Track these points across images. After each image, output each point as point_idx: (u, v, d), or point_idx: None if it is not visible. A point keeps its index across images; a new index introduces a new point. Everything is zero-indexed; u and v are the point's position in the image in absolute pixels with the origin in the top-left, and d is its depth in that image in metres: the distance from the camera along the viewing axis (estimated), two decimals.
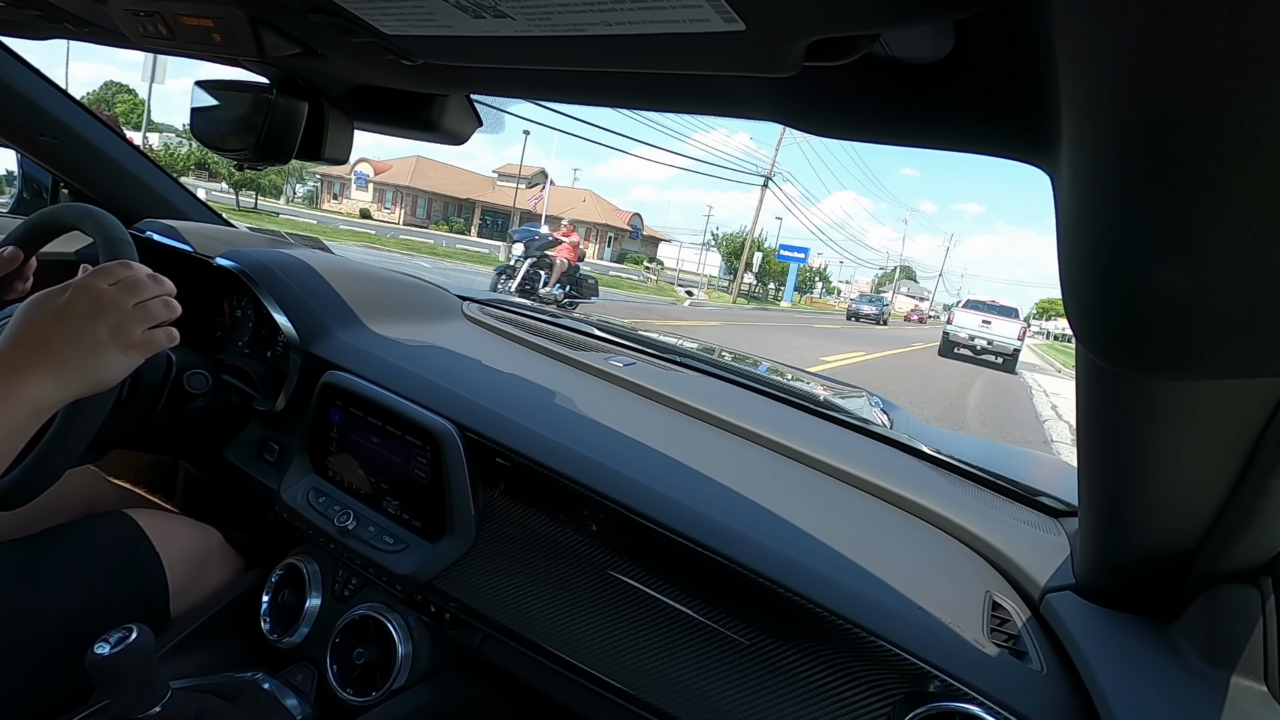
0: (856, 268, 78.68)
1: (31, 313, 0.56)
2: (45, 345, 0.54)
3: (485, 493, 0.76)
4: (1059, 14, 0.22)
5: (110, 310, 0.57)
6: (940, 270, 74.36)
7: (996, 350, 13.42)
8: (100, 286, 0.58)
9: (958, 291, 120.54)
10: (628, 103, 0.57)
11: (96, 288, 0.58)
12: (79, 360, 0.55)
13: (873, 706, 0.55)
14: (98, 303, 0.57)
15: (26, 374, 0.52)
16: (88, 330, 0.56)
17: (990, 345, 13.46)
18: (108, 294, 0.58)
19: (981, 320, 13.73)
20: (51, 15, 0.64)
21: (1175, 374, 0.32)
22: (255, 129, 0.69)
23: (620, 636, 0.64)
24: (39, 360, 0.54)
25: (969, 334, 13.68)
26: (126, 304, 0.58)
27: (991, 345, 13.46)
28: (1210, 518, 0.44)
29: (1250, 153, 0.18)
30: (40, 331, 0.55)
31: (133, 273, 0.60)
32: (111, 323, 0.57)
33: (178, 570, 0.79)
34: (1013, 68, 0.32)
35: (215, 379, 0.87)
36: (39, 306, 0.56)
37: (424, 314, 1.12)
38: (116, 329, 0.57)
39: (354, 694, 0.75)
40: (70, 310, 0.56)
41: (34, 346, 0.54)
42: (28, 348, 0.54)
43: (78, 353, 0.55)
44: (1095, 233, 0.25)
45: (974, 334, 13.64)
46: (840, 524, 0.70)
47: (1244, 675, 0.47)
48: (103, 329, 0.57)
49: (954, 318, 14.45)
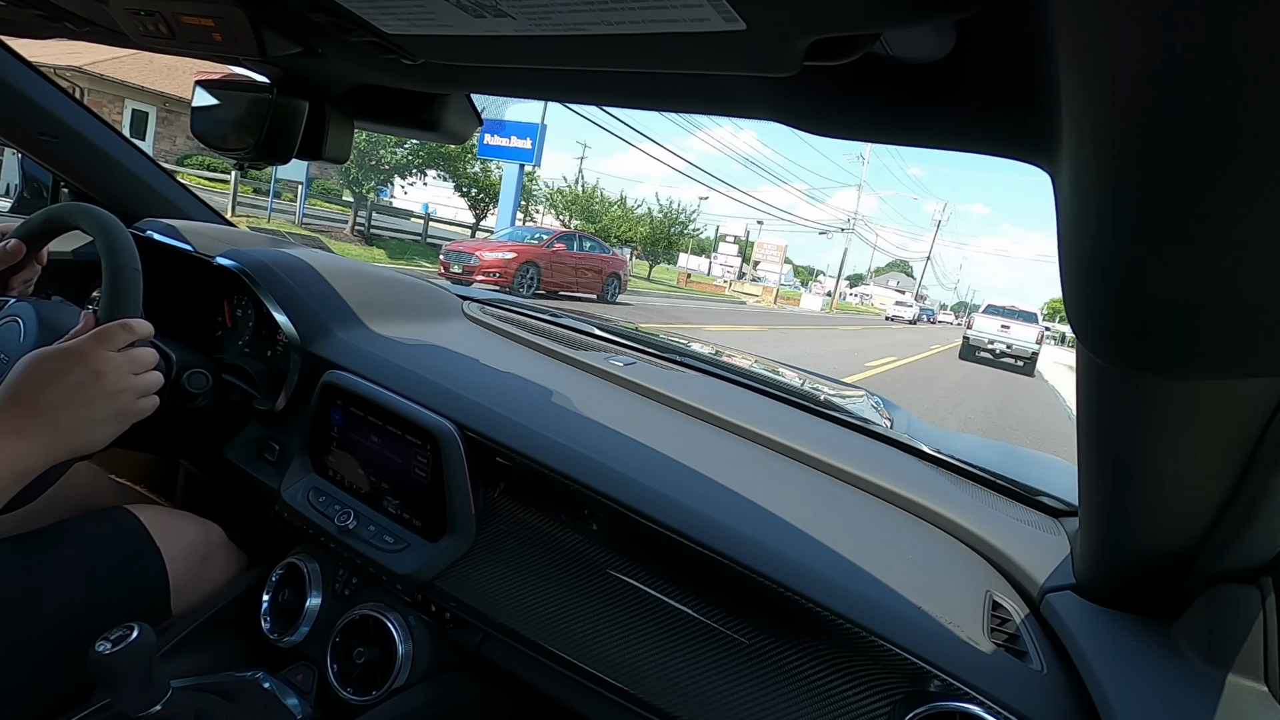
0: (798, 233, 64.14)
1: (28, 375, 0.56)
2: (39, 409, 0.55)
3: (485, 492, 0.76)
4: (1059, 14, 0.22)
5: (110, 380, 0.58)
6: (929, 251, 59.72)
7: (1016, 354, 13.79)
8: (101, 354, 0.58)
9: (955, 285, 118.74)
10: (628, 102, 0.57)
11: (98, 355, 0.58)
12: (72, 428, 0.56)
13: (873, 706, 0.55)
14: (99, 371, 0.57)
15: (18, 439, 0.53)
16: (84, 399, 0.56)
17: (1010, 349, 13.84)
18: (110, 364, 0.58)
19: (1001, 325, 14.12)
20: (53, 15, 0.64)
21: (1176, 374, 0.32)
22: (255, 128, 0.69)
23: (621, 636, 0.64)
24: (30, 425, 0.54)
25: (989, 338, 14.05)
26: (126, 374, 0.59)
27: (1011, 349, 13.83)
28: (1211, 517, 0.44)
29: (1251, 152, 0.18)
30: (36, 394, 0.55)
31: (134, 335, 0.61)
32: (109, 393, 0.58)
33: (179, 565, 0.79)
34: (1013, 67, 0.32)
35: (216, 378, 0.87)
36: (37, 370, 0.56)
37: (424, 313, 1.12)
38: (113, 399, 0.58)
39: (354, 693, 0.76)
40: (68, 377, 0.56)
41: (28, 410, 0.54)
42: (21, 411, 0.54)
43: (70, 420, 0.56)
44: (1096, 232, 0.25)
45: (994, 338, 14.00)
46: (840, 524, 0.70)
47: (1244, 675, 0.47)
48: (100, 399, 0.57)
49: (974, 323, 14.85)
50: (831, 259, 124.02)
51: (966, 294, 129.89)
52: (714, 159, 77.35)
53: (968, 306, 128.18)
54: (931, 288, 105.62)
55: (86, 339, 0.59)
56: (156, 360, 0.63)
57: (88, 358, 0.58)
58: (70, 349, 0.58)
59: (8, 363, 0.76)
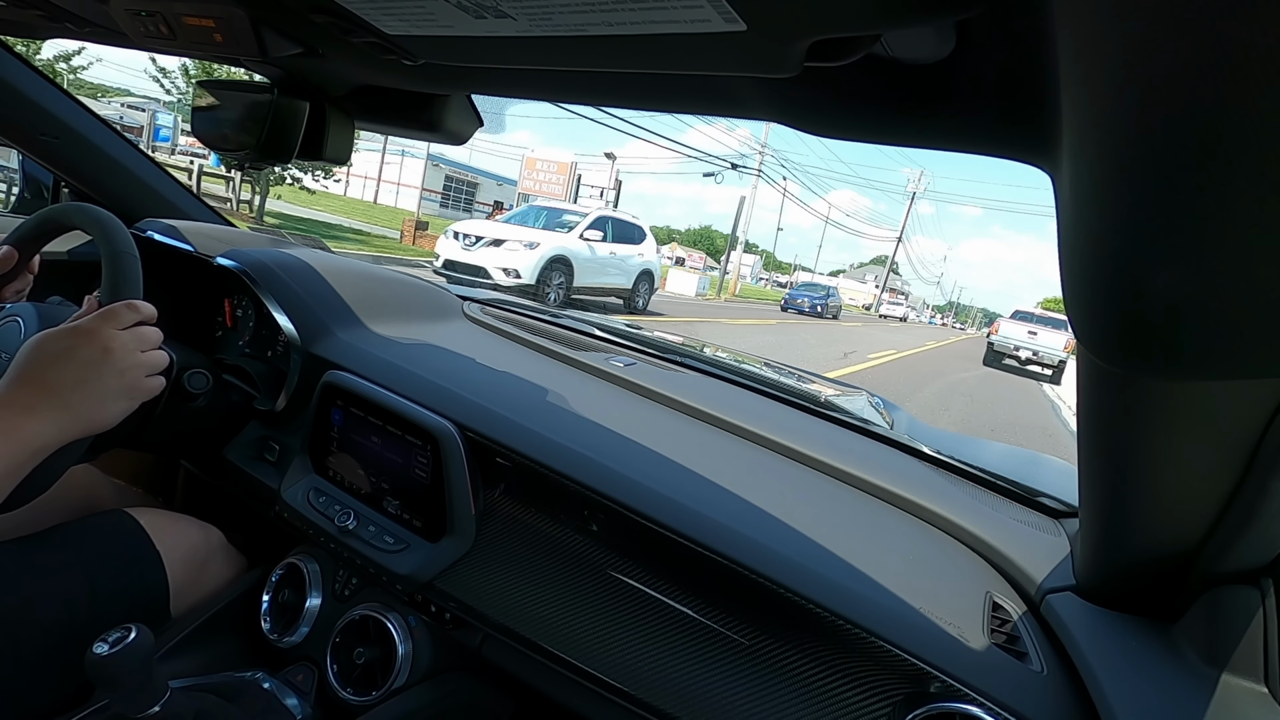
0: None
1: (37, 353, 0.56)
2: (49, 388, 0.55)
3: (486, 493, 0.76)
4: (1060, 14, 0.22)
5: (119, 357, 0.58)
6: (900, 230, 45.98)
7: (1043, 361, 13.24)
8: (109, 331, 0.58)
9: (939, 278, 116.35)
10: (628, 103, 0.57)
11: (105, 333, 0.58)
12: (82, 404, 0.56)
13: (873, 707, 0.55)
14: (107, 347, 0.57)
15: (30, 416, 0.53)
16: (94, 375, 0.56)
17: (1036, 356, 13.28)
18: (117, 341, 0.58)
19: (1028, 331, 13.56)
20: (53, 15, 0.64)
21: (1176, 375, 0.32)
22: (256, 129, 0.69)
23: (620, 636, 0.64)
24: (42, 403, 0.54)
25: (1015, 344, 13.51)
26: (134, 351, 0.59)
27: (1038, 356, 13.27)
28: (1211, 519, 0.44)
29: (1252, 152, 0.18)
30: (45, 373, 0.55)
31: (139, 315, 0.61)
32: (119, 369, 0.58)
33: (178, 568, 0.79)
34: (1013, 68, 0.32)
35: (216, 379, 0.87)
36: (45, 348, 0.56)
37: (425, 314, 1.12)
38: (122, 375, 0.58)
39: (354, 694, 0.76)
40: (77, 354, 0.56)
41: (39, 389, 0.54)
42: (32, 389, 0.54)
43: (81, 397, 0.56)
44: (1097, 233, 0.25)
45: (1020, 344, 13.46)
46: (841, 524, 0.70)
47: (1244, 676, 0.47)
48: (110, 375, 0.57)
49: (1000, 328, 14.31)
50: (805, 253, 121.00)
51: (952, 292, 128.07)
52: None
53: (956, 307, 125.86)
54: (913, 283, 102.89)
55: (93, 318, 0.59)
56: (161, 338, 0.63)
57: (95, 335, 0.57)
58: (77, 328, 0.58)
59: (9, 361, 0.76)
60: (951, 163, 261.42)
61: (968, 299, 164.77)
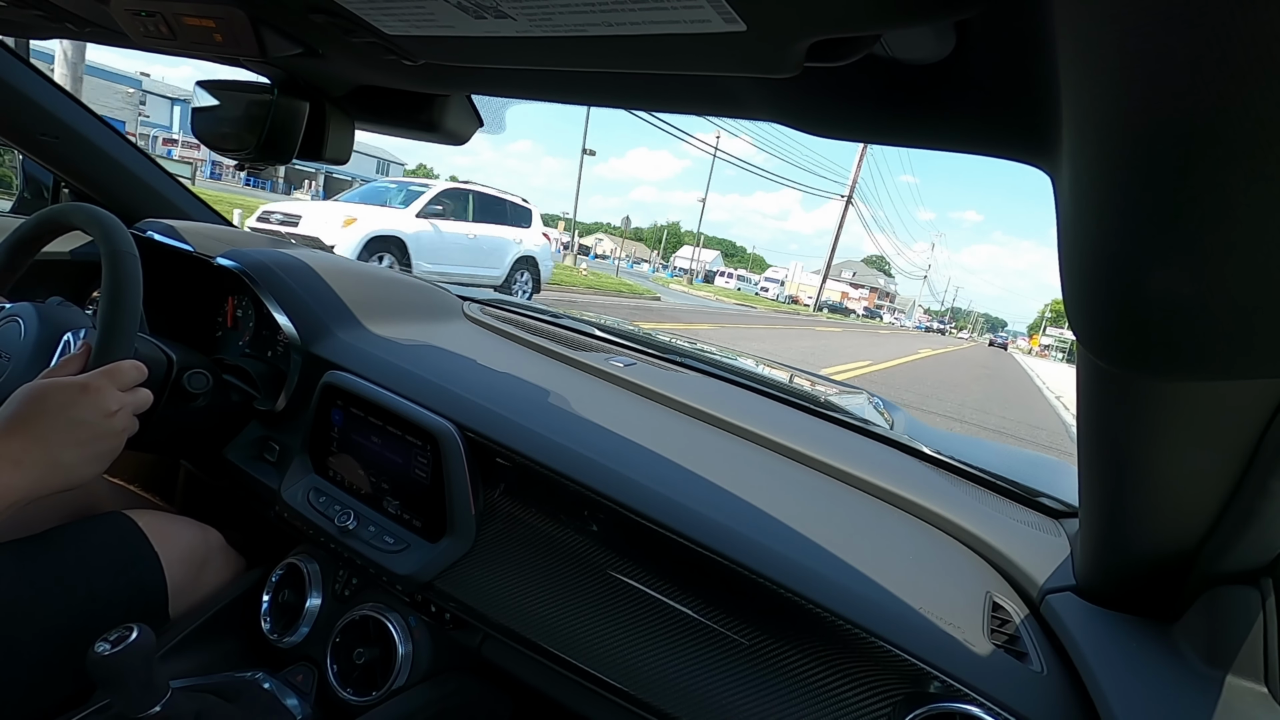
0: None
1: (38, 405, 0.55)
2: (43, 442, 0.54)
3: (486, 493, 0.76)
4: (1060, 15, 0.22)
5: (119, 420, 0.58)
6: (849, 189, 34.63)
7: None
8: (114, 394, 0.58)
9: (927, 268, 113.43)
10: (628, 103, 0.57)
11: (111, 395, 0.58)
12: (72, 463, 0.56)
13: (873, 707, 0.55)
14: (110, 411, 0.57)
15: (17, 470, 0.52)
16: (91, 437, 0.56)
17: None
18: (120, 403, 0.58)
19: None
20: (53, 15, 0.64)
21: (1176, 375, 0.32)
22: (256, 129, 0.69)
23: (620, 636, 0.64)
24: (31, 457, 0.53)
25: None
26: (130, 415, 0.60)
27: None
28: (1211, 519, 0.44)
29: (1251, 153, 0.18)
30: (41, 426, 0.55)
31: (143, 375, 0.61)
32: (116, 431, 0.58)
33: (177, 570, 0.79)
34: (1013, 68, 0.32)
35: (216, 379, 0.87)
36: (49, 400, 0.56)
37: (425, 314, 1.12)
38: (117, 438, 0.59)
39: (354, 694, 0.76)
40: (79, 413, 0.56)
41: (33, 442, 0.54)
42: (26, 442, 0.53)
43: (74, 457, 0.56)
44: (1096, 234, 0.25)
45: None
46: (840, 525, 0.70)
47: (1244, 677, 0.47)
48: (107, 437, 0.57)
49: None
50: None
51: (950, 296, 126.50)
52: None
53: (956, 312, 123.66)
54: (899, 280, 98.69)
55: (99, 375, 0.59)
56: (151, 399, 0.64)
57: (101, 396, 0.57)
58: (86, 384, 0.57)
59: (8, 361, 0.76)
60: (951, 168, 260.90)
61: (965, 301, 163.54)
